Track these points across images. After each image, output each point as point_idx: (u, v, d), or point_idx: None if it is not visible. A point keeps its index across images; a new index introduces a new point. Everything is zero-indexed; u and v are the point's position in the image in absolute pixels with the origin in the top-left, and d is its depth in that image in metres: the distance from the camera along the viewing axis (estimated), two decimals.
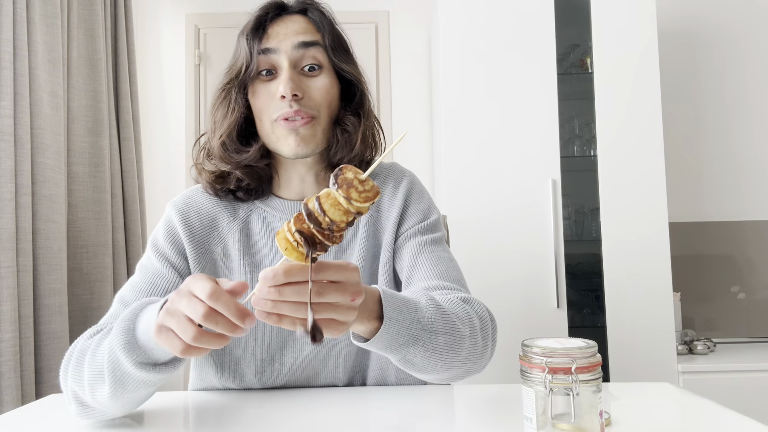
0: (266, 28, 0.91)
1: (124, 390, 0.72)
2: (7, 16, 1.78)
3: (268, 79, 0.91)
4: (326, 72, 0.93)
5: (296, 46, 0.90)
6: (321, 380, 0.96)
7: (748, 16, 2.61)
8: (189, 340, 0.60)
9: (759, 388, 2.04)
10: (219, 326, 0.59)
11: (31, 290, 1.82)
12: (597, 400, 0.58)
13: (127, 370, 0.70)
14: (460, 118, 2.16)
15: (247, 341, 0.94)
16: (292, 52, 0.90)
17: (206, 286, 0.59)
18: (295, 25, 0.92)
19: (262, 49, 0.90)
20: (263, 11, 0.93)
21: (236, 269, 0.95)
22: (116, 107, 2.37)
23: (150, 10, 2.73)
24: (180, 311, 0.61)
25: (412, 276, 0.94)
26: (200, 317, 0.59)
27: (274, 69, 0.91)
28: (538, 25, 2.17)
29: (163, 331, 0.62)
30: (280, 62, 0.90)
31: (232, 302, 0.59)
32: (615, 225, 2.12)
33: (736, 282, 2.50)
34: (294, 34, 0.91)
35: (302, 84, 0.90)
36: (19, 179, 1.80)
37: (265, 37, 0.91)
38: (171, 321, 0.61)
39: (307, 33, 0.92)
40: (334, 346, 0.95)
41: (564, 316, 2.10)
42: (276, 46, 0.90)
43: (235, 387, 0.96)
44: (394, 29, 2.71)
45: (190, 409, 0.88)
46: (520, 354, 0.62)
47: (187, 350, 0.61)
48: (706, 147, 2.58)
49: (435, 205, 1.04)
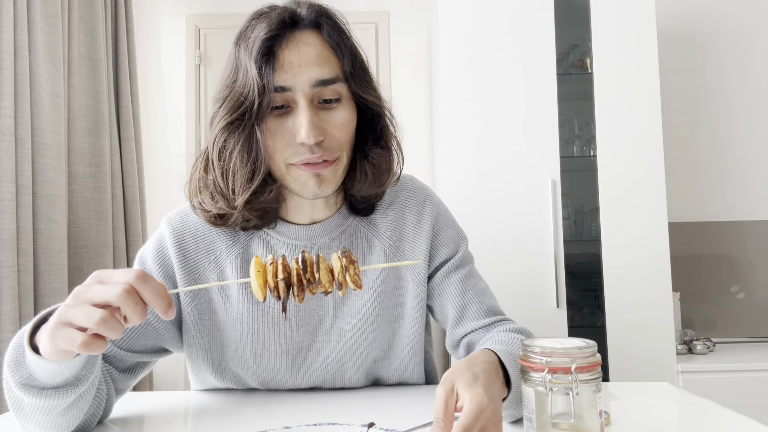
0: (276, 53, 0.78)
1: (24, 414, 0.68)
2: (7, 16, 1.78)
3: (282, 114, 0.79)
4: (345, 102, 0.82)
5: (314, 84, 0.78)
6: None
7: (747, 16, 2.61)
8: (95, 325, 0.56)
9: (758, 388, 2.04)
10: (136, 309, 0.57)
11: (31, 290, 1.82)
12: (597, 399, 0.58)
13: (15, 392, 0.66)
14: (459, 119, 2.16)
15: (247, 364, 0.90)
16: (310, 91, 0.78)
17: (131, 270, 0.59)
18: (310, 51, 0.79)
19: (276, 87, 0.77)
20: (271, 32, 0.78)
21: (234, 297, 0.88)
22: (117, 107, 2.37)
23: (150, 10, 2.73)
24: (87, 299, 0.58)
25: (463, 317, 0.93)
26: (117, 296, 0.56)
27: (288, 103, 0.79)
28: (538, 26, 2.17)
29: (60, 328, 0.58)
30: (297, 100, 0.78)
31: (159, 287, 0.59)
32: (615, 225, 2.12)
33: (735, 282, 2.50)
34: (310, 66, 0.78)
35: (322, 121, 0.79)
36: (20, 179, 1.80)
37: (277, 66, 0.77)
38: (72, 313, 0.57)
39: (324, 64, 0.79)
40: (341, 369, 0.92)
41: (564, 315, 2.10)
42: (292, 84, 0.77)
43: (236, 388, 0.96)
44: (394, 29, 2.71)
45: (190, 409, 0.88)
46: (519, 354, 0.62)
47: (90, 341, 0.57)
48: (706, 147, 2.59)
49: (460, 228, 1.00)
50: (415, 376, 0.98)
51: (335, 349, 0.91)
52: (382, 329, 0.92)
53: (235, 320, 0.88)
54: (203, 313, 0.89)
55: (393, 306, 0.93)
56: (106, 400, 0.79)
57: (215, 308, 0.89)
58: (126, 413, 0.85)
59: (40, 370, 0.64)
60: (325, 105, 0.80)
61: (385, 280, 0.92)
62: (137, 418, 0.84)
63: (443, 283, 0.94)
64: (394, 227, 0.94)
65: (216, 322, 0.89)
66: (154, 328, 0.85)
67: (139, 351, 0.85)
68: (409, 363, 0.96)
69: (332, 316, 0.90)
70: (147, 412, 0.86)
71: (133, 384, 0.87)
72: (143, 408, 0.88)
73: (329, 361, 0.91)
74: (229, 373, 0.92)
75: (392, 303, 0.93)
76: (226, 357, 0.91)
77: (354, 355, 0.91)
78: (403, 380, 0.98)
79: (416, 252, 0.93)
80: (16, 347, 0.67)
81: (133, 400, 0.92)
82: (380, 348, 0.93)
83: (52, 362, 0.63)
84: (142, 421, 0.83)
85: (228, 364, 0.91)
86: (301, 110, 0.78)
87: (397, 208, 0.95)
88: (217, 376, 0.93)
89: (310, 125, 0.77)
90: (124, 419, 0.82)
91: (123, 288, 0.57)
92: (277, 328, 0.89)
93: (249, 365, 0.91)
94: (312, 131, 0.76)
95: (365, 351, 0.92)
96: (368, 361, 0.93)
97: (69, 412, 0.70)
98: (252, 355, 0.90)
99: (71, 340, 0.57)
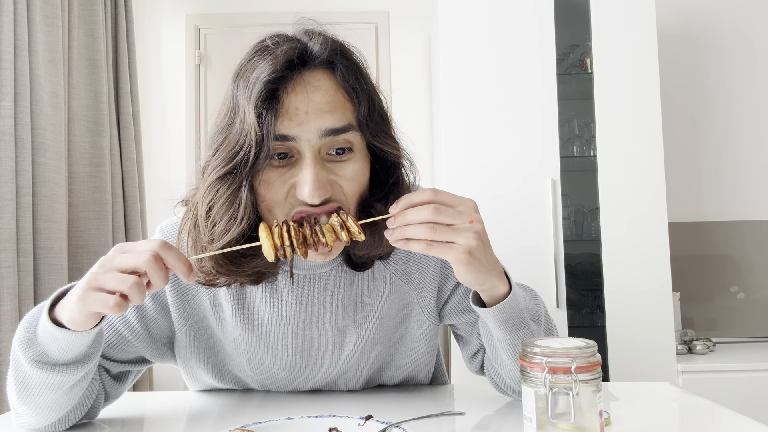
0: (281, 98, 0.67)
1: (29, 393, 0.70)
2: (7, 16, 1.78)
3: (284, 164, 0.69)
4: (358, 153, 0.72)
5: (323, 134, 0.68)
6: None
7: (747, 16, 2.61)
8: (128, 288, 0.61)
9: (758, 387, 2.04)
10: (161, 273, 0.63)
11: (31, 290, 1.82)
12: (597, 399, 0.58)
13: (26, 369, 0.69)
14: (459, 119, 2.16)
15: (246, 373, 0.90)
16: (317, 141, 0.68)
17: (154, 240, 0.64)
18: (320, 96, 0.68)
19: (278, 135, 0.67)
20: (275, 73, 0.67)
21: (228, 321, 0.84)
22: (116, 107, 2.37)
23: (150, 10, 2.73)
24: (114, 267, 0.63)
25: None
26: (145, 262, 0.62)
27: (291, 152, 0.69)
28: (538, 25, 2.17)
29: (90, 292, 0.63)
30: (302, 151, 0.68)
31: (180, 254, 0.64)
32: (615, 225, 2.12)
33: (735, 282, 2.50)
34: (319, 114, 0.67)
35: (330, 174, 0.70)
36: (20, 179, 1.80)
37: (281, 113, 0.67)
38: (104, 278, 0.63)
39: (336, 111, 0.68)
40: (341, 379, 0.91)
41: (564, 315, 2.10)
42: (297, 134, 0.67)
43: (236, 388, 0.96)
44: (394, 29, 2.71)
45: (189, 409, 0.88)
46: (519, 354, 0.62)
47: (121, 302, 0.62)
48: (706, 147, 2.58)
49: None
50: (420, 377, 0.97)
51: (336, 369, 0.89)
52: (385, 347, 0.90)
53: (229, 341, 0.86)
54: (199, 331, 0.87)
55: (396, 325, 0.89)
56: (96, 395, 0.80)
57: (210, 325, 0.86)
58: (126, 413, 0.85)
59: (55, 345, 0.67)
60: (334, 156, 0.70)
61: (389, 304, 0.87)
62: (137, 418, 0.84)
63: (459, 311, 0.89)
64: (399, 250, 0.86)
65: (213, 337, 0.88)
66: (130, 342, 0.84)
67: (122, 361, 0.85)
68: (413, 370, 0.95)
69: (333, 344, 0.86)
70: (147, 412, 0.86)
71: (123, 391, 0.87)
72: (143, 408, 0.88)
73: (330, 375, 0.90)
74: (229, 376, 0.92)
75: (395, 323, 0.89)
76: (225, 364, 0.91)
77: (355, 370, 0.91)
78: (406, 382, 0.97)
79: (426, 274, 0.87)
80: (27, 326, 0.70)
81: (133, 400, 0.93)
82: (383, 361, 0.92)
83: (70, 333, 0.66)
84: (142, 421, 0.83)
85: (227, 368, 0.91)
86: (306, 164, 0.68)
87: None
88: (216, 379, 0.93)
89: (315, 183, 0.67)
90: (124, 419, 0.82)
91: (150, 254, 0.62)
92: (273, 351, 0.86)
93: (248, 374, 0.90)
94: (317, 191, 0.67)
95: (367, 367, 0.91)
96: (370, 372, 0.93)
97: (72, 391, 0.72)
98: (249, 368, 0.89)
99: (104, 302, 0.62)
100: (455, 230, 0.65)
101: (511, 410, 0.82)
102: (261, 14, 2.69)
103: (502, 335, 0.75)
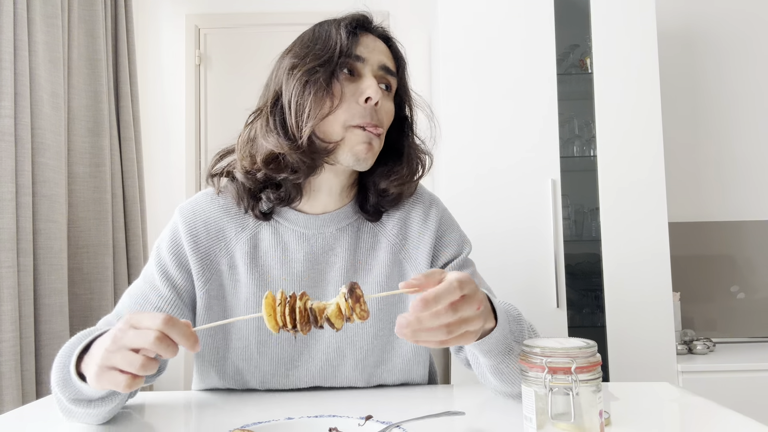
0: (358, 34, 0.90)
1: (73, 416, 0.77)
2: (7, 16, 1.78)
3: (350, 79, 0.89)
4: (393, 97, 0.95)
5: (381, 66, 0.91)
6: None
7: (747, 17, 2.61)
8: (137, 370, 0.64)
9: (759, 388, 2.04)
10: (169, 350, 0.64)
11: (31, 290, 1.82)
12: (597, 399, 0.58)
13: (66, 405, 0.75)
14: (459, 118, 2.16)
15: (251, 355, 0.93)
16: (377, 70, 0.90)
17: (158, 315, 0.64)
18: (382, 47, 0.93)
19: (355, 55, 0.88)
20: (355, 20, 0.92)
21: (243, 281, 0.93)
22: (116, 107, 2.37)
23: (150, 10, 2.73)
24: (125, 345, 0.64)
25: None
26: (152, 344, 0.63)
27: (357, 71, 0.89)
28: (538, 25, 2.17)
29: (105, 372, 0.65)
30: (365, 72, 0.89)
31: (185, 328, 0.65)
32: (615, 225, 2.12)
33: (735, 282, 2.50)
34: (380, 54, 0.92)
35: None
36: (20, 179, 1.80)
37: (358, 42, 0.89)
38: (114, 358, 0.65)
39: (390, 60, 0.93)
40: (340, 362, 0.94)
41: (564, 315, 2.10)
42: (366, 56, 0.89)
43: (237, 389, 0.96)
44: (394, 29, 2.71)
45: (190, 409, 0.88)
46: (519, 354, 0.62)
47: (132, 382, 0.65)
48: (706, 147, 2.58)
49: (464, 233, 1.04)
50: (419, 376, 0.99)
51: (336, 339, 0.93)
52: (383, 321, 0.94)
53: (242, 304, 0.92)
54: (213, 299, 0.93)
55: (394, 302, 0.95)
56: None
57: (225, 293, 0.93)
58: (126, 413, 0.85)
59: (87, 389, 0.72)
60: (383, 90, 0.91)
61: (390, 276, 0.95)
62: (137, 418, 0.84)
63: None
64: (400, 226, 0.98)
65: (224, 308, 0.93)
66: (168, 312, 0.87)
67: None
68: (412, 363, 0.97)
69: None
70: (147, 412, 0.86)
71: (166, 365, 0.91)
72: (143, 408, 0.88)
73: (329, 351, 0.93)
74: (231, 368, 0.94)
75: (394, 299, 0.95)
76: (230, 347, 0.93)
77: (354, 348, 0.93)
78: (405, 381, 0.98)
79: (420, 251, 0.97)
80: (61, 367, 0.75)
81: (133, 400, 0.93)
82: (380, 346, 0.94)
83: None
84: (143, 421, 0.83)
85: (231, 356, 0.93)
86: (368, 76, 0.88)
87: (403, 209, 1.00)
88: (218, 369, 0.94)
89: (377, 86, 0.88)
90: (124, 419, 0.82)
91: (155, 336, 0.63)
92: None
93: (252, 356, 0.92)
94: (378, 91, 0.86)
95: (367, 346, 0.94)
96: (368, 362, 0.94)
97: (115, 409, 0.79)
98: (257, 343, 0.92)
99: (116, 383, 0.65)
100: (467, 321, 0.65)
101: (511, 410, 0.82)
102: (261, 14, 2.69)
103: (487, 361, 0.79)
